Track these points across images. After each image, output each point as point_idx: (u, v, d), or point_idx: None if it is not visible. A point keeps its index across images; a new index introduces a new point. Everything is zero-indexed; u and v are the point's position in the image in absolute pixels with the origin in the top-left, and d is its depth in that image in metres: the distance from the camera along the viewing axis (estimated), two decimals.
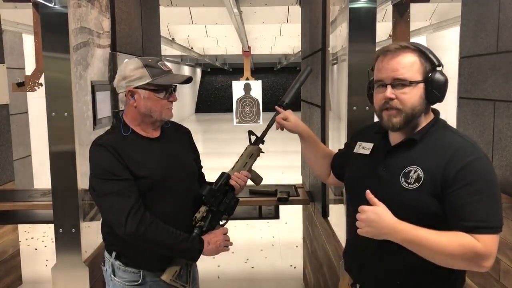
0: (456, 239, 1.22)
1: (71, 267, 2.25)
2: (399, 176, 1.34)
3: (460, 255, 1.22)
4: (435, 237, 1.23)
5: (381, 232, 1.28)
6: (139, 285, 1.70)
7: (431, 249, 1.24)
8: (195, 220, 1.71)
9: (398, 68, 1.33)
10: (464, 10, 2.89)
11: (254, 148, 1.86)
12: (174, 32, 7.75)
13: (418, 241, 1.25)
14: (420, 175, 1.30)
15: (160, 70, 1.65)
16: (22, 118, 5.41)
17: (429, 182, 1.28)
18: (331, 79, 2.47)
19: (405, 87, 1.32)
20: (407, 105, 1.33)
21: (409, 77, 1.32)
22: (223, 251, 1.75)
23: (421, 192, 1.29)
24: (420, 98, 1.34)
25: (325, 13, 2.43)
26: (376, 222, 1.27)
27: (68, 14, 2.11)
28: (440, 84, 1.34)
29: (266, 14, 6.06)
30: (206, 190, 1.72)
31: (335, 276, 2.28)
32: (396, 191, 1.34)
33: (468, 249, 1.22)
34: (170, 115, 1.71)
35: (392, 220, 1.27)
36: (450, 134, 1.36)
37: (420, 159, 1.33)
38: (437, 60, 1.35)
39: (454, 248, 1.22)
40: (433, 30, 6.46)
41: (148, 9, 3.41)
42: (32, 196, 2.93)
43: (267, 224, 5.19)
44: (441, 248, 1.23)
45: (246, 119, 8.28)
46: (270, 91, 24.09)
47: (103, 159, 1.59)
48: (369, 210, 1.29)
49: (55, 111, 2.16)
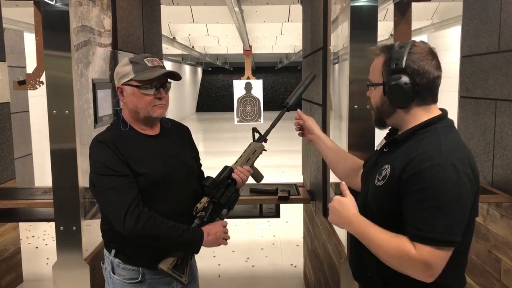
0: (395, 241, 1.25)
1: (72, 265, 2.25)
2: (376, 173, 1.40)
3: (396, 257, 1.25)
4: (379, 235, 1.29)
5: (340, 221, 1.38)
6: (138, 282, 1.69)
7: (373, 245, 1.30)
8: (196, 211, 1.71)
9: (370, 71, 1.45)
10: (465, 9, 2.88)
11: (257, 145, 1.87)
12: (175, 30, 7.75)
13: (366, 235, 1.31)
14: (387, 173, 1.33)
15: (143, 66, 1.63)
16: (23, 116, 5.41)
17: (392, 181, 1.31)
18: (332, 78, 2.47)
19: (371, 88, 1.44)
20: (372, 105, 1.44)
21: (372, 79, 1.43)
22: (222, 243, 1.75)
23: (383, 189, 1.33)
24: (381, 99, 1.40)
25: (327, 12, 2.42)
26: (338, 211, 1.37)
27: (69, 12, 2.11)
28: (395, 87, 1.33)
29: (267, 13, 6.05)
30: (209, 181, 1.74)
31: (335, 274, 2.28)
32: (371, 187, 1.41)
33: (402, 253, 1.23)
34: (160, 113, 1.68)
35: (351, 212, 1.35)
36: (432, 138, 1.30)
37: (394, 159, 1.35)
38: (400, 62, 1.32)
39: (391, 248, 1.26)
40: (435, 30, 6.44)
41: (149, 8, 3.41)
42: (33, 194, 2.93)
43: (267, 223, 5.19)
44: (381, 246, 1.28)
45: (247, 118, 8.28)
46: (271, 90, 24.09)
47: (103, 155, 1.59)
48: (335, 199, 1.39)
49: (56, 109, 2.16)
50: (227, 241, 1.78)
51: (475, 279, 2.66)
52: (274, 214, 3.00)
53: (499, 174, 2.54)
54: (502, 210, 2.45)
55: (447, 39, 7.27)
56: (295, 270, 3.99)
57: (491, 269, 2.53)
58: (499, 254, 2.46)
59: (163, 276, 1.70)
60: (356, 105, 2.00)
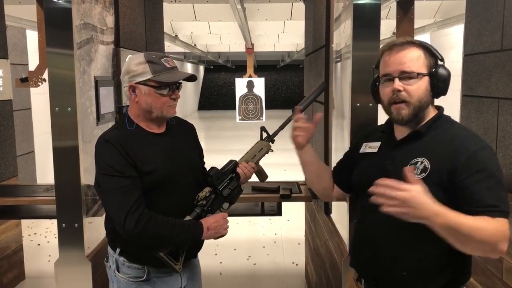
0: (483, 221, 1.22)
1: (74, 262, 2.25)
2: (406, 167, 1.34)
3: (491, 238, 1.22)
4: (469, 220, 1.21)
5: (422, 214, 1.19)
6: (143, 281, 1.69)
7: (465, 231, 1.20)
8: (197, 199, 1.71)
9: (405, 61, 1.38)
10: (468, 8, 2.88)
11: (264, 143, 1.89)
12: (177, 28, 7.76)
13: (457, 225, 1.20)
14: (426, 165, 1.34)
15: (162, 67, 1.63)
16: (26, 114, 5.42)
17: (436, 172, 1.32)
18: (335, 76, 2.46)
19: (412, 80, 1.38)
20: (414, 97, 1.38)
21: (415, 69, 1.38)
22: (220, 234, 1.74)
23: (427, 181, 1.29)
24: (426, 90, 1.39)
25: (329, 10, 2.42)
26: (420, 204, 1.18)
27: (72, 9, 2.11)
28: (444, 78, 1.40)
29: (269, 11, 6.05)
30: (213, 171, 1.76)
31: (337, 273, 2.28)
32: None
33: (498, 232, 1.23)
34: (173, 113, 1.70)
35: (433, 203, 1.20)
36: (455, 126, 1.42)
37: (426, 150, 1.37)
38: (439, 55, 1.43)
39: (489, 230, 1.22)
40: (437, 28, 6.43)
41: (151, 5, 3.41)
42: (35, 192, 2.94)
43: (269, 221, 5.19)
44: (475, 231, 1.21)
45: (249, 116, 8.29)
46: (273, 89, 24.07)
47: (109, 155, 1.59)
48: (413, 189, 1.18)
49: (58, 107, 2.16)
50: (227, 235, 1.78)
51: (477, 278, 2.66)
52: (275, 212, 3.00)
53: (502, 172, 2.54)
54: None
55: (449, 37, 7.26)
56: (296, 269, 3.99)
57: (493, 268, 2.53)
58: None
59: (168, 275, 1.71)
60: (359, 103, 2.00)
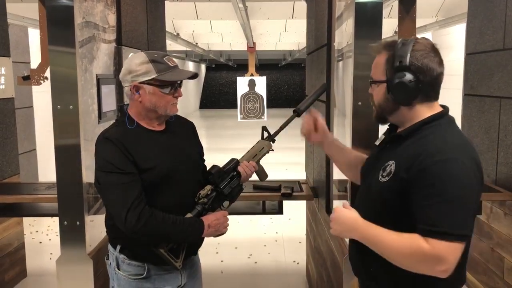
0: (406, 239, 1.25)
1: (75, 260, 2.26)
2: (380, 169, 1.39)
3: (409, 255, 1.24)
4: (388, 235, 1.28)
5: (343, 229, 1.37)
6: (143, 278, 1.70)
7: (383, 247, 1.29)
8: (199, 197, 1.72)
9: (372, 68, 1.44)
10: (470, 7, 2.87)
11: (265, 143, 1.90)
12: (179, 27, 7.76)
13: (374, 238, 1.30)
14: (392, 170, 1.33)
15: (165, 66, 1.64)
16: (27, 112, 5.43)
17: (397, 178, 1.31)
18: (336, 75, 2.46)
19: (374, 85, 1.43)
20: (375, 102, 1.44)
21: (374, 76, 1.42)
22: (220, 232, 1.76)
23: (388, 185, 1.33)
24: (384, 96, 1.39)
25: (331, 8, 2.42)
26: (339, 219, 1.37)
27: (74, 8, 2.11)
28: (400, 85, 1.33)
29: (271, 10, 6.05)
30: (215, 169, 1.77)
31: (338, 272, 2.28)
32: (374, 183, 1.39)
33: (416, 250, 1.22)
34: (175, 110, 1.71)
35: (353, 217, 1.35)
36: (437, 133, 1.31)
37: (398, 154, 1.35)
38: (406, 59, 1.32)
39: (403, 247, 1.25)
40: (439, 27, 6.42)
41: (153, 4, 3.41)
42: (37, 189, 2.95)
43: (270, 219, 5.19)
44: (391, 247, 1.27)
45: (250, 115, 8.29)
46: (275, 88, 24.05)
47: (109, 152, 1.60)
48: (335, 209, 1.38)
49: (60, 105, 2.17)
50: (228, 233, 1.79)
51: (478, 277, 2.66)
52: (277, 210, 3.00)
53: (503, 172, 2.54)
54: (505, 208, 2.44)
55: (451, 36, 7.25)
56: (297, 267, 3.99)
57: (494, 267, 2.53)
58: (502, 252, 2.46)
59: (168, 272, 1.71)
60: (360, 102, 2.00)
